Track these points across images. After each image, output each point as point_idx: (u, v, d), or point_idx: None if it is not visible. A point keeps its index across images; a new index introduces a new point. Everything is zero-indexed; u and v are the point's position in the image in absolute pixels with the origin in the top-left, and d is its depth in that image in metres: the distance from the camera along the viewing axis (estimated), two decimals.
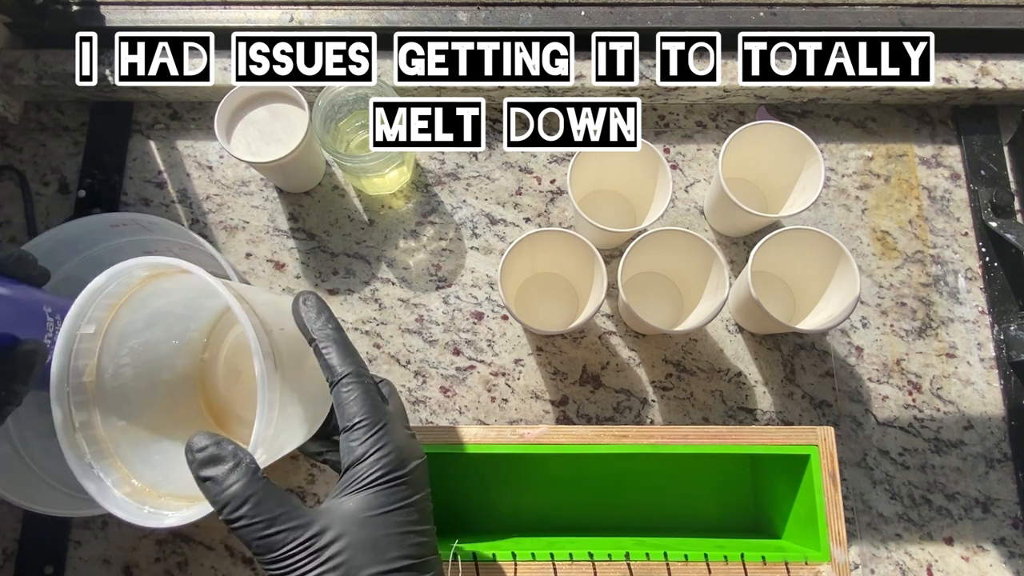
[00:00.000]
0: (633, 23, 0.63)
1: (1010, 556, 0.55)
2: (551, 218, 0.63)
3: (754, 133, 0.56)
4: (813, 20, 0.63)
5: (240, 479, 0.28)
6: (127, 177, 0.63)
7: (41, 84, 0.62)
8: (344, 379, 0.32)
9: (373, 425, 0.32)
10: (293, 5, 0.63)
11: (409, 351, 0.59)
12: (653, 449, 0.46)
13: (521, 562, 0.44)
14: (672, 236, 0.53)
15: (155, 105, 0.65)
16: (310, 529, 0.29)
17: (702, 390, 0.58)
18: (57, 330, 0.38)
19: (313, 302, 0.34)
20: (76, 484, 0.49)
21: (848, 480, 0.56)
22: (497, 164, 0.64)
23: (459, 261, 0.61)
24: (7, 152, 0.64)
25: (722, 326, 0.60)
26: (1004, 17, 0.64)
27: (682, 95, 0.64)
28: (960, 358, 0.59)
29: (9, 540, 0.55)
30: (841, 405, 0.58)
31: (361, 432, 0.31)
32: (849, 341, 0.59)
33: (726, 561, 0.44)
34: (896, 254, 0.62)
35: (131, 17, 0.63)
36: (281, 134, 0.55)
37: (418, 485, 0.32)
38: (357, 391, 0.32)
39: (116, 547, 0.55)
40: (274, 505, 0.29)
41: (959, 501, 0.56)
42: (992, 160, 0.63)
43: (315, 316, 0.34)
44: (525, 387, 0.58)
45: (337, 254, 0.61)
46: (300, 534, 0.28)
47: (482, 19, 0.63)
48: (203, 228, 0.62)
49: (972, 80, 0.62)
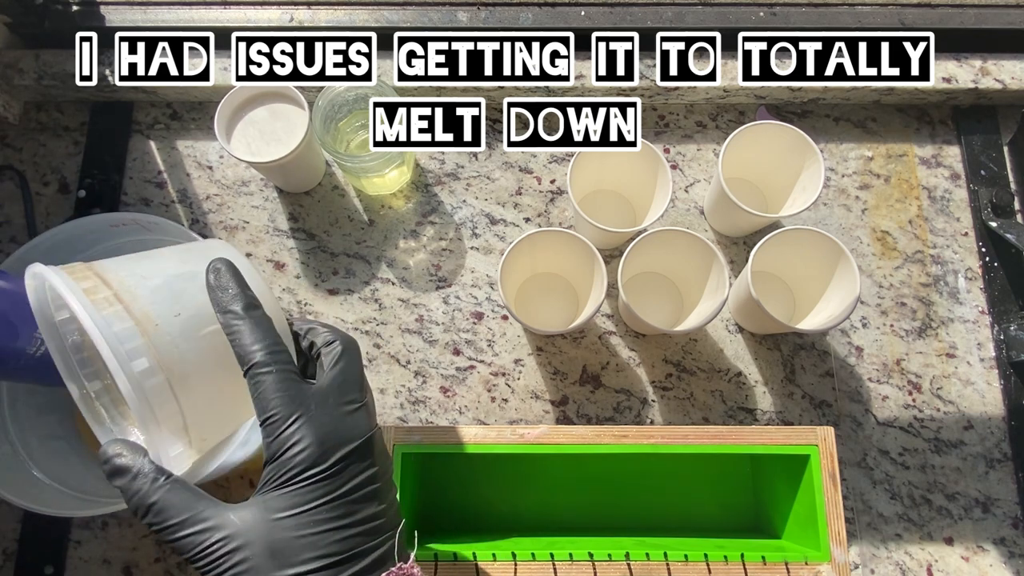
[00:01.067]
0: (633, 23, 0.63)
1: (1010, 556, 0.55)
2: (551, 218, 0.63)
3: (754, 133, 0.56)
4: (813, 20, 0.63)
5: (140, 488, 0.28)
6: (127, 177, 0.63)
7: (41, 84, 0.62)
8: (250, 370, 0.30)
9: (285, 420, 0.29)
10: (293, 5, 0.63)
11: (409, 351, 0.59)
12: (653, 449, 0.46)
13: (521, 562, 0.44)
14: (672, 236, 0.53)
15: (155, 105, 0.65)
16: (216, 533, 0.28)
17: (702, 390, 0.58)
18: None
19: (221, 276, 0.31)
20: (76, 484, 0.49)
21: (848, 480, 0.56)
22: (497, 164, 0.64)
23: (459, 261, 0.61)
24: (7, 152, 0.64)
25: (722, 326, 0.60)
26: (1004, 17, 0.64)
27: (682, 95, 0.64)
28: (960, 358, 0.59)
29: (9, 540, 0.55)
30: (841, 405, 0.58)
31: (272, 428, 0.29)
32: (849, 341, 0.59)
33: (726, 561, 0.44)
34: (896, 254, 0.62)
35: (131, 17, 0.63)
36: (281, 134, 0.55)
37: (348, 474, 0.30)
38: (265, 382, 0.29)
39: (116, 547, 0.55)
40: (179, 510, 0.28)
41: (959, 501, 0.56)
42: (992, 160, 0.63)
43: (221, 294, 0.31)
44: (525, 387, 0.58)
45: (337, 254, 0.61)
46: (206, 538, 0.28)
47: (482, 19, 0.63)
48: (203, 228, 0.62)
49: (972, 80, 0.62)
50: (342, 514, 0.29)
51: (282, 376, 0.30)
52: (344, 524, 0.29)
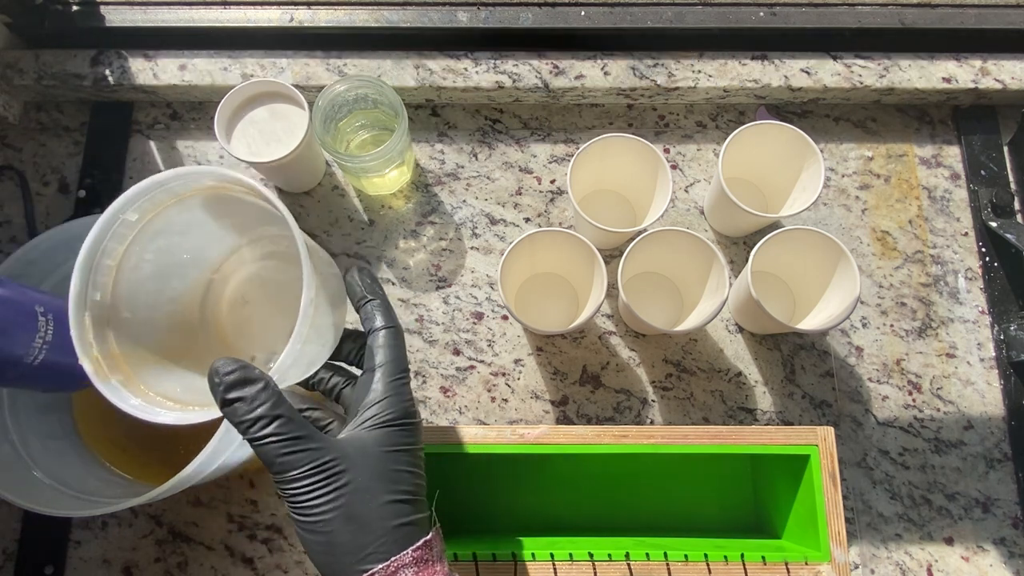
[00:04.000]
0: (633, 23, 0.63)
1: (1010, 556, 0.55)
2: (551, 218, 0.63)
3: (754, 133, 0.56)
4: (813, 20, 0.63)
5: (268, 399, 0.30)
6: (127, 177, 0.63)
7: (41, 84, 0.62)
8: (387, 329, 0.36)
9: (398, 372, 0.35)
10: (293, 5, 0.63)
11: (409, 351, 0.59)
12: (653, 449, 0.46)
13: (521, 562, 0.44)
14: (672, 236, 0.53)
15: (155, 105, 0.65)
16: (329, 453, 0.31)
17: (702, 390, 0.58)
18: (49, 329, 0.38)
19: (369, 272, 0.38)
20: (76, 484, 0.49)
21: (848, 480, 0.56)
22: (497, 164, 0.64)
23: (459, 261, 0.61)
24: (7, 152, 0.64)
25: (722, 326, 0.60)
26: (1004, 17, 0.64)
27: (682, 95, 0.64)
28: (960, 358, 0.59)
29: (9, 540, 0.55)
30: (841, 405, 0.58)
31: (386, 374, 0.35)
32: (849, 341, 0.59)
33: (726, 561, 0.44)
34: (896, 254, 0.62)
35: (131, 17, 0.63)
36: (281, 134, 0.55)
37: (420, 435, 0.36)
38: (392, 340, 0.36)
39: (116, 547, 0.55)
40: (298, 427, 0.31)
41: (959, 501, 0.56)
42: (992, 160, 0.63)
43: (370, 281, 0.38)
44: (525, 387, 0.58)
45: (337, 254, 0.61)
46: (319, 456, 0.31)
47: (482, 19, 0.63)
48: None
49: (972, 80, 0.62)
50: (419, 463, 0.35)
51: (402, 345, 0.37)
52: (417, 471, 0.34)
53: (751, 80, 0.62)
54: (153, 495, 0.42)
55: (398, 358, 0.36)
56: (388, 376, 0.35)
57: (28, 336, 0.37)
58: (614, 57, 0.63)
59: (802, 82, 0.62)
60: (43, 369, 0.38)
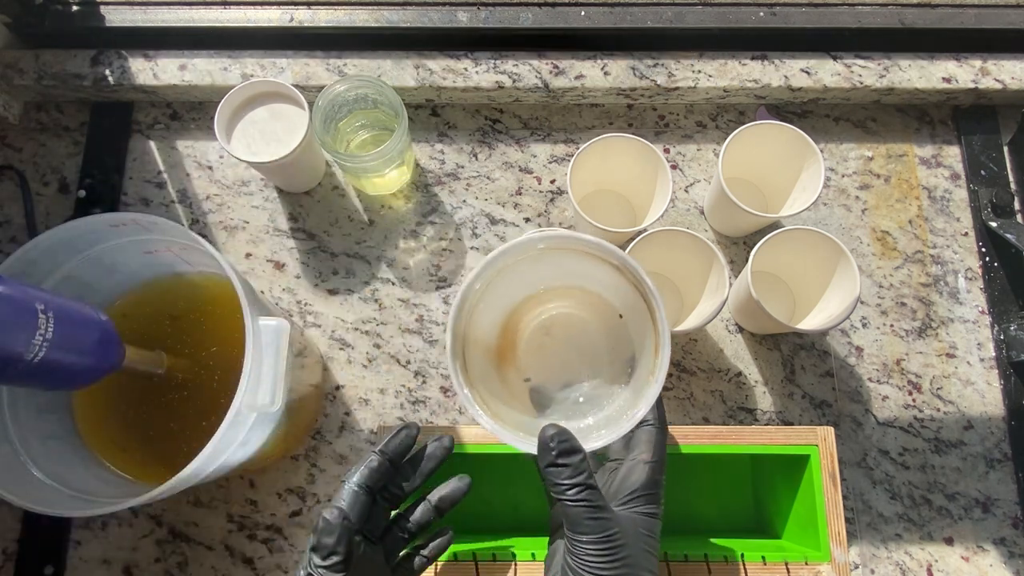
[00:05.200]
0: (633, 23, 0.63)
1: (1010, 556, 0.55)
2: (551, 218, 0.63)
3: (754, 133, 0.56)
4: (813, 20, 0.63)
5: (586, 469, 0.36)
6: (127, 177, 0.63)
7: (41, 84, 0.62)
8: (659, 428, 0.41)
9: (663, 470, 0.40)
10: (293, 5, 0.63)
11: (409, 351, 0.59)
12: None
13: (521, 562, 0.44)
14: (672, 236, 0.53)
15: (155, 105, 0.65)
16: (616, 526, 0.36)
17: (702, 390, 0.58)
18: (50, 327, 0.38)
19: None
20: (76, 484, 0.49)
21: (848, 480, 0.56)
22: (497, 164, 0.64)
23: (459, 261, 0.61)
24: (7, 152, 0.64)
25: (722, 326, 0.60)
26: (1004, 17, 0.64)
27: (682, 95, 0.64)
28: (960, 358, 0.59)
29: (9, 540, 0.55)
30: (841, 405, 0.58)
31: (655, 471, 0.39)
32: (849, 341, 0.59)
33: (726, 561, 0.44)
34: (896, 254, 0.62)
35: (131, 17, 0.63)
36: (281, 134, 0.55)
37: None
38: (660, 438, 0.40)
39: (116, 547, 0.55)
40: (599, 497, 0.36)
41: (959, 501, 0.56)
42: (992, 160, 0.63)
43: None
44: None
45: (337, 254, 0.61)
46: (610, 526, 0.36)
47: (482, 19, 0.63)
48: (203, 228, 0.62)
49: (972, 80, 0.62)
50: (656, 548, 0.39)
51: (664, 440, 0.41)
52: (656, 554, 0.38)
53: (751, 80, 0.62)
54: (153, 495, 0.42)
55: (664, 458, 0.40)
56: (657, 473, 0.39)
57: (28, 334, 0.37)
58: (614, 57, 0.63)
59: (802, 82, 0.62)
60: (43, 367, 0.38)
